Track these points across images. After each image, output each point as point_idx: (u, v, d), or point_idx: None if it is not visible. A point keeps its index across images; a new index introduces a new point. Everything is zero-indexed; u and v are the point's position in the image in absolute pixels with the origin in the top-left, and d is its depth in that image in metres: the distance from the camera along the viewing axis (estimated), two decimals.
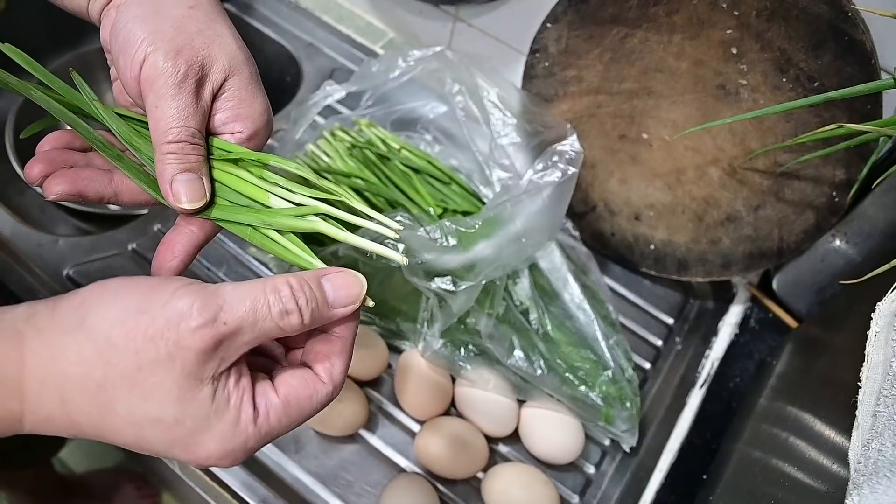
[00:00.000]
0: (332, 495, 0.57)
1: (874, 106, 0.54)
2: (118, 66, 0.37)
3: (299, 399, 0.32)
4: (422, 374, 0.60)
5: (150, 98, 0.35)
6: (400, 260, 0.34)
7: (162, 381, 0.28)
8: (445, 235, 0.53)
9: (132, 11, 0.36)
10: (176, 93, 0.35)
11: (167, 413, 0.28)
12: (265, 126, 0.38)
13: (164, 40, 0.35)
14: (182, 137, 0.35)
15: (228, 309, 0.29)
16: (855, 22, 0.52)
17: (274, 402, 0.31)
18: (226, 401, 0.29)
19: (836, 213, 0.60)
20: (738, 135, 0.61)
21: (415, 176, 0.67)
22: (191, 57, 0.35)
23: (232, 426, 0.29)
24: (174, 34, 0.36)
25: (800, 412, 0.52)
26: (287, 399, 0.31)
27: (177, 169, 0.35)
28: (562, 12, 0.62)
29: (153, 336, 0.28)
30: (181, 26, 0.36)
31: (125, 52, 0.36)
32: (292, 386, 0.32)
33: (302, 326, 0.31)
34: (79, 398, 0.28)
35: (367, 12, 0.90)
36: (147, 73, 0.35)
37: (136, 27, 0.35)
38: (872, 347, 0.34)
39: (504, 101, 0.64)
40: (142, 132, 0.38)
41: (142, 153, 0.37)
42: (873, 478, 0.30)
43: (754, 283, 0.75)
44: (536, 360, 0.58)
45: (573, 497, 0.61)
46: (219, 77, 0.37)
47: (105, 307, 0.29)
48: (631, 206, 0.70)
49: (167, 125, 0.35)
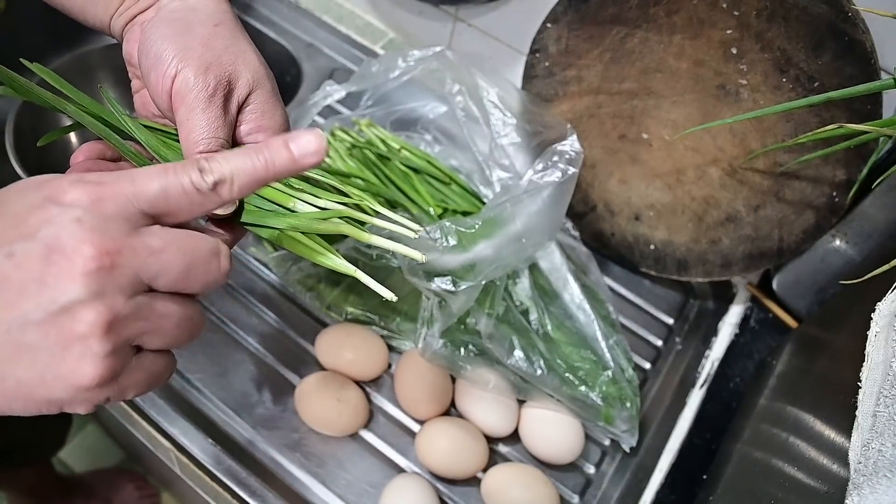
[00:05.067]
0: (332, 495, 0.57)
1: (874, 106, 0.54)
2: (148, 81, 0.39)
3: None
4: (422, 374, 0.60)
5: (182, 111, 0.38)
6: (420, 258, 0.36)
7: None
8: (445, 235, 0.53)
9: (161, 30, 0.39)
10: (206, 106, 0.38)
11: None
12: None
13: (194, 57, 0.38)
14: (211, 147, 0.38)
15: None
16: (855, 22, 0.52)
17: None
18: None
19: (836, 213, 0.60)
20: (738, 135, 0.61)
21: (415, 176, 0.67)
22: (219, 73, 0.38)
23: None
24: (202, 51, 0.38)
25: (800, 412, 0.52)
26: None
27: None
28: (562, 12, 0.62)
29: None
30: (208, 44, 0.39)
31: (156, 69, 0.38)
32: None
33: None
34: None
35: (367, 12, 0.90)
36: (178, 88, 0.37)
37: (167, 45, 0.38)
38: (872, 347, 0.34)
39: (504, 101, 0.64)
40: (168, 143, 0.41)
41: (169, 162, 0.39)
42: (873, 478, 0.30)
43: (754, 283, 0.75)
44: (536, 360, 0.58)
45: (573, 497, 0.61)
46: (244, 91, 0.39)
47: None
48: (631, 206, 0.70)
49: (198, 136, 0.38)
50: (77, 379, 0.26)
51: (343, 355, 0.62)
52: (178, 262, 0.28)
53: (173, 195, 0.28)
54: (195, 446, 0.57)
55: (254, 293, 0.67)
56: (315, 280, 0.64)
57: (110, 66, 0.89)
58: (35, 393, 0.27)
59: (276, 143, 0.30)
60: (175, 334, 0.29)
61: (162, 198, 0.28)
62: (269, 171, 0.30)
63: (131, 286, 0.27)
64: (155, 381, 0.30)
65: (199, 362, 0.62)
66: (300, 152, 0.30)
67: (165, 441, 0.58)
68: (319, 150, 0.31)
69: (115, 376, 0.27)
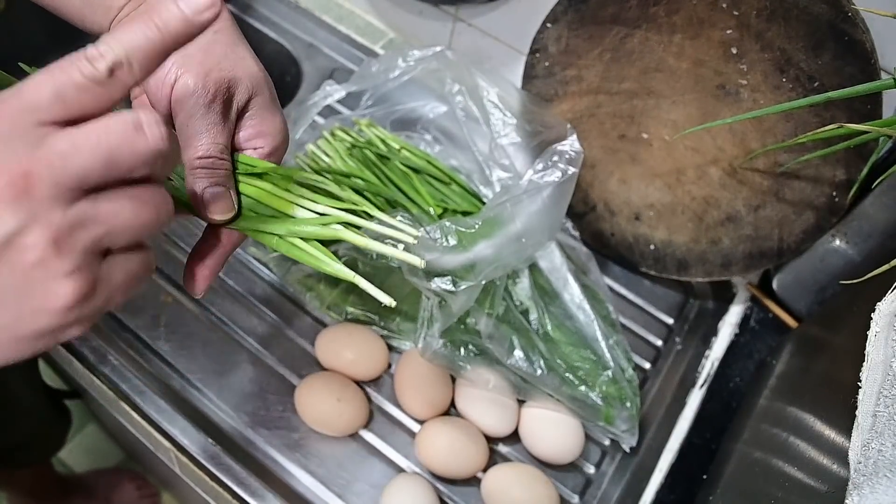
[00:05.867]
0: (332, 495, 0.57)
1: (874, 106, 0.54)
2: (147, 87, 0.39)
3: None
4: (422, 374, 0.60)
5: (181, 117, 0.38)
6: (419, 263, 0.36)
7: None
8: (445, 235, 0.53)
9: None
10: (205, 112, 0.38)
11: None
12: (284, 142, 0.41)
13: (194, 63, 0.38)
14: (211, 153, 0.38)
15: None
16: (855, 22, 0.52)
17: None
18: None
19: (836, 213, 0.60)
20: (738, 135, 0.61)
21: (415, 176, 0.67)
22: (219, 79, 0.38)
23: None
24: (203, 57, 0.38)
25: (800, 412, 0.52)
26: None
27: (207, 183, 0.38)
28: (562, 12, 0.62)
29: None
30: (208, 50, 0.39)
31: (155, 75, 0.37)
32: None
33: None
34: None
35: (367, 12, 0.90)
36: (178, 94, 0.37)
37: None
38: (872, 347, 0.34)
39: (504, 101, 0.64)
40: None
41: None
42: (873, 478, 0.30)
43: (754, 283, 0.75)
44: (536, 360, 0.58)
45: (573, 497, 0.61)
46: (243, 97, 0.39)
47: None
48: (631, 206, 0.70)
49: (197, 142, 0.38)
50: (54, 303, 0.26)
51: (343, 355, 0.62)
52: (97, 155, 0.26)
53: (69, 95, 0.26)
54: (195, 446, 0.57)
55: (254, 293, 0.67)
56: (315, 280, 0.64)
57: None
58: (20, 332, 0.26)
59: (164, 4, 0.28)
60: (136, 225, 0.28)
61: (58, 101, 0.26)
62: (166, 38, 0.28)
63: (61, 196, 0.25)
64: (136, 278, 0.29)
65: (199, 362, 0.62)
66: (192, 8, 0.28)
67: (165, 441, 0.58)
68: (213, 2, 0.28)
69: (91, 286, 0.27)
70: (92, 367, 0.59)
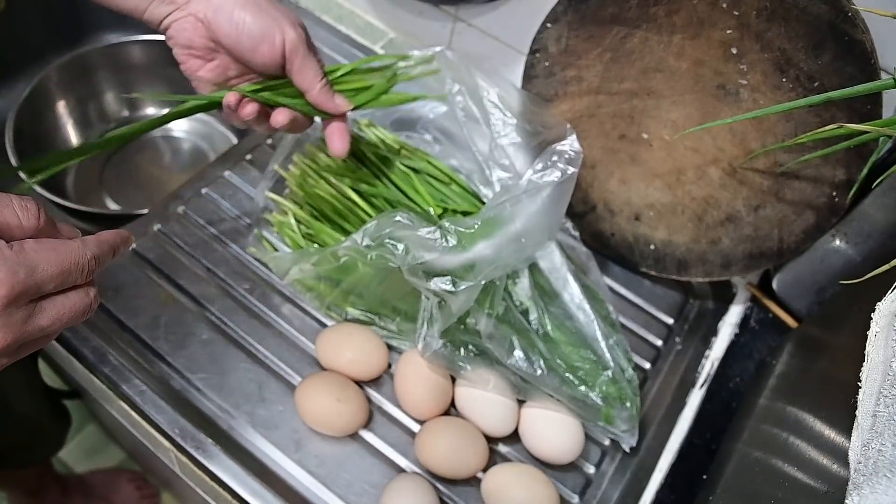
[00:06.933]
0: (332, 495, 0.57)
1: (874, 106, 0.54)
2: (256, 54, 0.53)
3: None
4: (422, 374, 0.60)
5: (297, 62, 0.53)
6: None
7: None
8: (445, 235, 0.53)
9: (246, 15, 0.51)
10: (309, 52, 0.54)
11: None
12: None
13: (285, 23, 0.52)
14: (322, 75, 0.55)
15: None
16: (855, 22, 0.52)
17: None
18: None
19: (836, 213, 0.60)
20: (738, 135, 0.61)
21: (415, 176, 0.67)
22: (299, 26, 0.54)
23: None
24: (281, 16, 0.53)
25: (800, 412, 0.52)
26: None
27: (332, 91, 0.57)
28: (562, 12, 0.62)
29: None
30: (278, 9, 0.53)
31: (265, 41, 0.52)
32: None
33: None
34: None
35: (367, 12, 0.90)
36: (290, 48, 0.53)
37: (259, 21, 0.51)
38: (872, 347, 0.34)
39: (504, 101, 0.64)
40: (279, 89, 0.56)
41: (288, 99, 0.56)
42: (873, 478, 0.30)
43: (754, 283, 0.75)
44: (536, 360, 0.58)
45: (573, 497, 0.61)
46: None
47: None
48: (631, 206, 0.70)
49: (315, 71, 0.55)
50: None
51: (343, 355, 0.62)
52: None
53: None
54: (195, 446, 0.57)
55: (254, 293, 0.67)
56: (315, 280, 0.64)
57: (110, 65, 0.89)
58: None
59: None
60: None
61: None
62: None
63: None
64: (72, 317, 0.36)
65: (199, 362, 0.62)
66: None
67: (165, 441, 0.58)
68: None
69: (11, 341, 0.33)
70: (92, 367, 0.59)
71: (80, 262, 0.36)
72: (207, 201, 0.72)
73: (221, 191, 0.73)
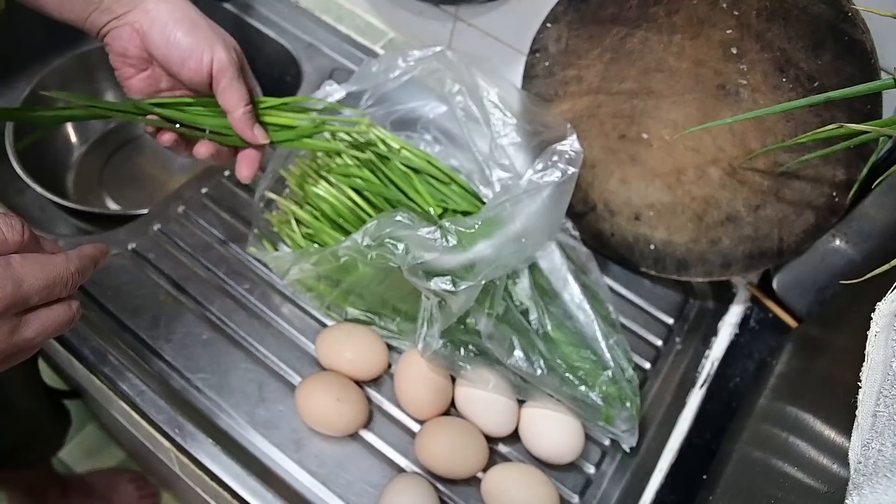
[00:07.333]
0: (332, 495, 0.57)
1: (874, 106, 0.54)
2: (184, 67, 0.53)
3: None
4: (422, 374, 0.60)
5: (223, 83, 0.53)
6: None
7: None
8: (445, 235, 0.53)
9: (178, 30, 0.52)
10: (238, 74, 0.54)
11: None
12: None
13: (218, 43, 0.53)
14: (248, 101, 0.55)
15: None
16: (855, 22, 0.52)
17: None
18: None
19: (836, 213, 0.60)
20: (738, 135, 0.61)
21: (415, 176, 0.67)
22: (237, 49, 0.55)
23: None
24: (216, 37, 0.53)
25: (800, 412, 0.52)
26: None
27: (253, 121, 0.56)
28: (562, 12, 0.62)
29: None
30: (214, 30, 0.54)
31: (192, 58, 0.52)
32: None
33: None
34: None
35: (367, 12, 0.90)
36: (217, 68, 0.53)
37: (192, 38, 0.52)
38: (872, 347, 0.34)
39: (504, 101, 0.64)
40: (190, 112, 0.57)
41: (208, 119, 0.57)
42: (873, 478, 0.30)
43: (754, 283, 0.75)
44: (536, 360, 0.58)
45: (573, 497, 0.61)
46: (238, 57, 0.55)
47: None
48: (631, 206, 0.70)
49: (240, 96, 0.55)
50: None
51: (343, 355, 0.62)
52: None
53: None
54: (195, 446, 0.57)
55: (254, 293, 0.67)
56: (315, 280, 0.64)
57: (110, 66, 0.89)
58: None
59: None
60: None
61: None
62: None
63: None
64: (55, 329, 0.38)
65: (200, 362, 0.62)
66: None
67: (165, 441, 0.58)
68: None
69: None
70: (92, 367, 0.59)
71: (63, 276, 0.37)
72: (207, 201, 0.72)
73: (221, 191, 0.73)
